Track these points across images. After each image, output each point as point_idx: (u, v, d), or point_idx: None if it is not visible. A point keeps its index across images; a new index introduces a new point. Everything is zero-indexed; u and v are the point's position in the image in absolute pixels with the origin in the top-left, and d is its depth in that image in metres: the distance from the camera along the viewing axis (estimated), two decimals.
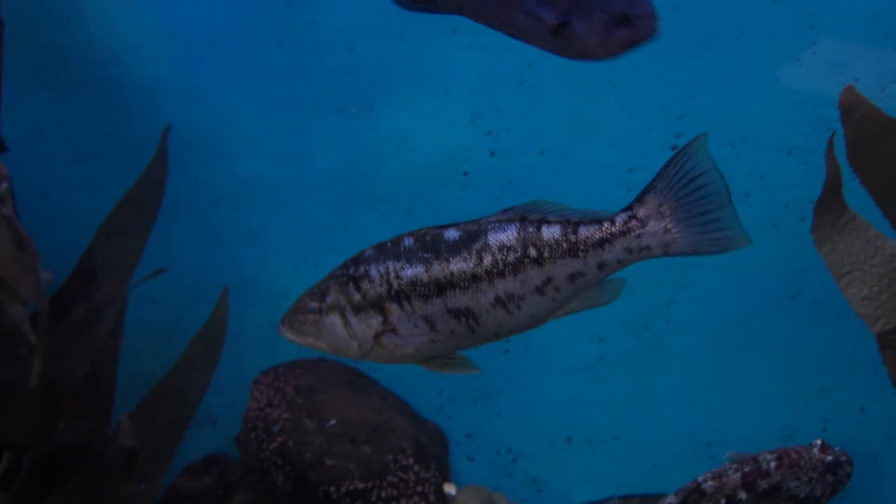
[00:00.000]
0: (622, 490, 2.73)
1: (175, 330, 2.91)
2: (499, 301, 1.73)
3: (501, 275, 1.71)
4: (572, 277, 1.72)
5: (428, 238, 1.76)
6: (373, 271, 1.82)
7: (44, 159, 2.76)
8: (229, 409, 2.88)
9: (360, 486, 2.55)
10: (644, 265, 2.58)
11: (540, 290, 1.72)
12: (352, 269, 1.85)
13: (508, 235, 1.73)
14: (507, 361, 2.77)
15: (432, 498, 2.63)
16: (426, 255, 1.76)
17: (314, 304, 1.89)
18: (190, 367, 2.72)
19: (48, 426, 2.33)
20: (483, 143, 2.68)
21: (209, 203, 2.82)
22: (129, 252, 2.58)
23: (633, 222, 1.67)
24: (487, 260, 1.72)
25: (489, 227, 1.73)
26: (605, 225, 1.70)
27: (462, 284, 1.73)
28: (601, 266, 1.70)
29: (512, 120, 2.66)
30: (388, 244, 1.83)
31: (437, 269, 1.75)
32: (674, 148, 2.58)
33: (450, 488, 2.69)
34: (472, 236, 1.73)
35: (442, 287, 1.74)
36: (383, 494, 2.56)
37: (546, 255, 1.71)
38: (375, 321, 1.81)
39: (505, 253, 1.72)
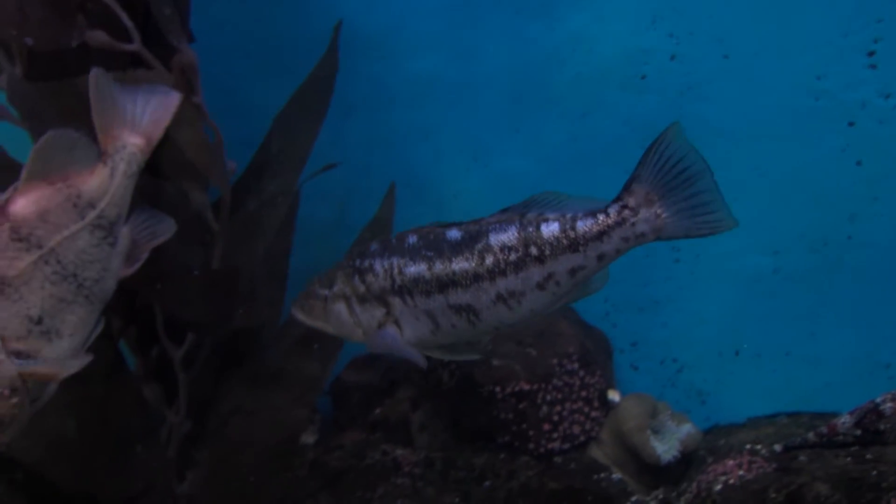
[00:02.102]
0: (791, 407, 2.68)
1: (342, 224, 2.96)
2: (500, 298, 1.80)
3: (503, 273, 1.79)
4: (573, 271, 1.78)
5: (431, 237, 1.84)
6: (377, 266, 1.90)
7: (224, 52, 2.80)
8: None
9: (526, 387, 2.57)
10: (831, 176, 2.50)
11: (541, 286, 1.78)
12: (358, 262, 1.93)
13: (509, 236, 1.78)
14: (676, 270, 2.73)
15: (596, 403, 2.63)
16: (429, 254, 1.83)
17: (322, 291, 1.99)
18: None
19: (227, 310, 2.40)
20: (663, 46, 2.60)
21: (382, 100, 2.82)
22: (300, 146, 2.61)
23: (626, 212, 1.72)
24: (489, 260, 1.78)
25: (490, 227, 1.79)
26: (601, 217, 1.75)
27: (464, 283, 1.81)
28: (600, 258, 1.77)
29: (695, 22, 2.57)
30: (394, 240, 1.90)
31: (440, 268, 1.82)
32: (870, 54, 2.46)
33: (614, 395, 2.69)
34: (473, 237, 1.80)
35: (444, 284, 1.82)
36: (548, 398, 2.57)
37: (547, 252, 1.76)
38: (378, 312, 1.92)
39: (507, 252, 1.78)
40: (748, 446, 2.47)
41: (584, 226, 1.75)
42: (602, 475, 2.55)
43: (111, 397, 2.32)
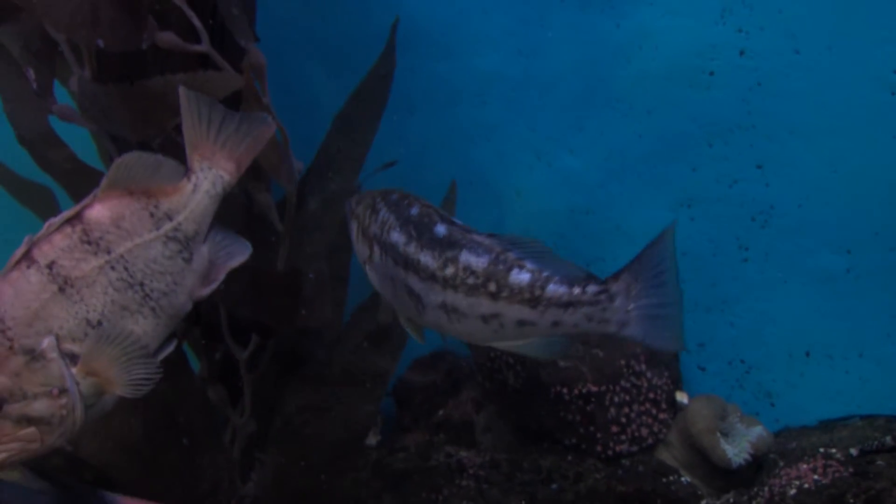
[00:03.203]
0: (864, 409, 2.63)
1: None
2: (444, 306, 1.80)
3: (455, 288, 1.78)
4: (521, 323, 1.74)
5: (425, 220, 1.86)
6: (381, 213, 1.96)
7: (286, 51, 2.79)
8: None
9: (594, 388, 2.53)
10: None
11: (484, 319, 1.76)
12: (377, 200, 1.98)
13: (479, 261, 1.76)
14: (745, 270, 2.68)
15: (664, 405, 2.59)
16: (413, 232, 1.85)
17: (352, 203, 2.09)
18: None
19: (292, 311, 2.39)
20: (732, 41, 2.55)
21: (446, 98, 2.80)
22: (360, 145, 2.60)
23: (603, 296, 1.67)
24: (450, 270, 1.78)
25: (468, 244, 1.78)
26: (576, 290, 1.70)
27: (422, 275, 1.82)
28: (556, 324, 1.72)
29: (765, 16, 2.52)
30: (406, 201, 1.94)
31: (411, 250, 1.85)
32: None
33: (682, 397, 2.65)
34: (450, 243, 1.80)
35: (408, 266, 1.85)
36: (616, 399, 2.54)
37: (504, 295, 1.73)
38: (365, 251, 2.00)
39: (466, 274, 1.76)
40: (822, 450, 2.42)
41: (554, 289, 1.71)
42: (671, 478, 2.51)
43: (176, 399, 2.32)
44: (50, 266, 1.63)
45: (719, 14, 2.53)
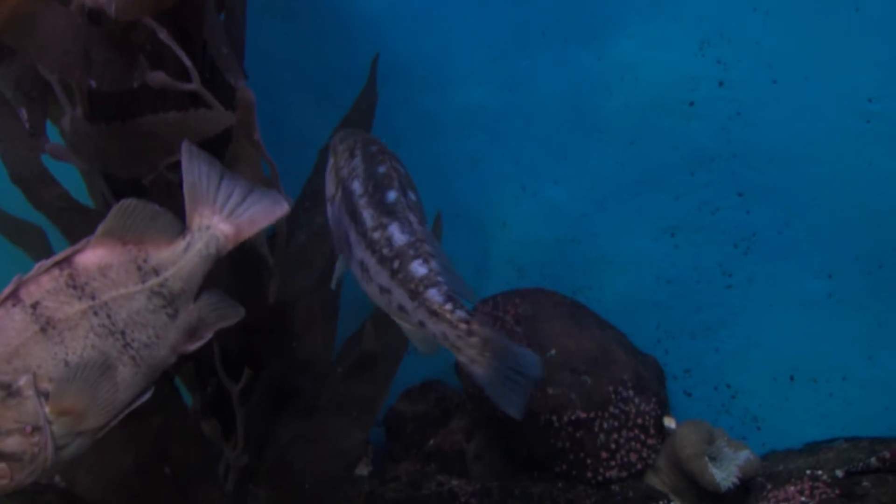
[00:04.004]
0: (849, 431, 2.66)
1: None
2: (361, 264, 1.89)
3: (373, 252, 1.86)
4: (401, 308, 1.81)
5: (385, 181, 1.92)
6: (356, 160, 2.00)
7: (271, 85, 2.82)
8: None
9: (583, 415, 2.56)
10: (884, 198, 2.49)
11: (381, 290, 1.85)
12: (357, 146, 2.03)
13: (399, 237, 1.83)
14: (728, 296, 2.72)
15: (652, 431, 2.62)
16: (369, 188, 1.92)
17: (335, 141, 2.11)
18: None
19: (284, 345, 2.41)
20: (711, 72, 2.61)
21: (430, 131, 2.84)
22: None
23: (463, 326, 1.70)
24: (377, 234, 1.86)
25: (402, 219, 1.86)
26: (446, 305, 1.73)
27: (358, 228, 1.91)
28: (422, 324, 1.77)
29: (743, 48, 2.57)
30: (379, 156, 1.98)
31: (361, 203, 1.91)
32: None
33: (669, 422, 2.68)
34: (390, 211, 1.87)
35: (353, 215, 1.92)
36: (605, 426, 2.57)
37: (399, 276, 1.80)
38: (332, 187, 2.06)
39: (385, 243, 1.84)
40: (808, 472, 2.45)
41: (431, 294, 1.76)
42: (661, 503, 2.53)
43: (168, 433, 2.33)
44: (34, 306, 1.65)
45: (698, 46, 2.58)
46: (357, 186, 1.95)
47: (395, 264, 1.81)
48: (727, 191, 2.66)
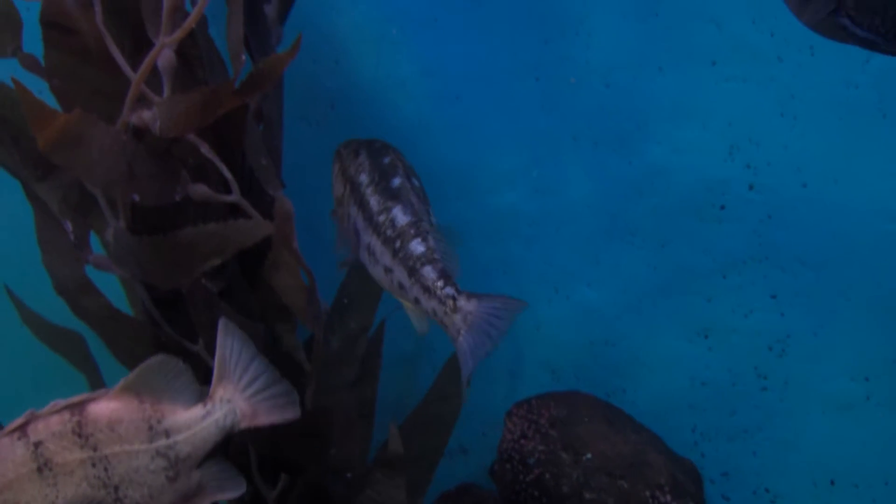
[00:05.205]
0: None
1: (424, 356, 2.99)
2: (368, 248, 2.06)
3: (378, 235, 2.02)
4: (401, 286, 1.98)
5: (389, 170, 2.10)
6: (361, 157, 2.18)
7: (307, 193, 2.87)
8: (480, 440, 2.93)
9: None
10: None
11: (385, 270, 2.03)
12: (361, 146, 2.21)
13: (402, 218, 2.00)
14: (764, 398, 2.70)
15: None
16: (375, 177, 2.09)
17: (340, 147, 2.30)
18: (441, 395, 2.78)
19: (321, 450, 2.42)
20: (741, 176, 2.63)
21: (464, 235, 2.85)
22: (375, 285, 2.65)
23: (450, 301, 1.87)
24: (382, 217, 2.02)
25: (405, 201, 2.03)
26: (438, 283, 1.90)
27: (365, 215, 2.07)
28: (416, 301, 1.95)
29: (772, 152, 2.60)
30: (383, 150, 2.17)
31: (368, 192, 2.08)
32: None
33: None
34: (394, 195, 2.04)
35: (361, 205, 2.09)
36: None
37: (400, 255, 1.97)
38: (340, 187, 2.23)
39: (389, 225, 2.00)
40: None
41: (426, 272, 1.92)
42: None
43: None
44: (37, 444, 1.71)
45: (727, 151, 2.62)
46: (364, 178, 2.10)
47: (397, 244, 1.94)
48: (760, 293, 2.66)
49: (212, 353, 2.24)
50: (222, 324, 1.89)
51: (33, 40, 2.06)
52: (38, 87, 1.98)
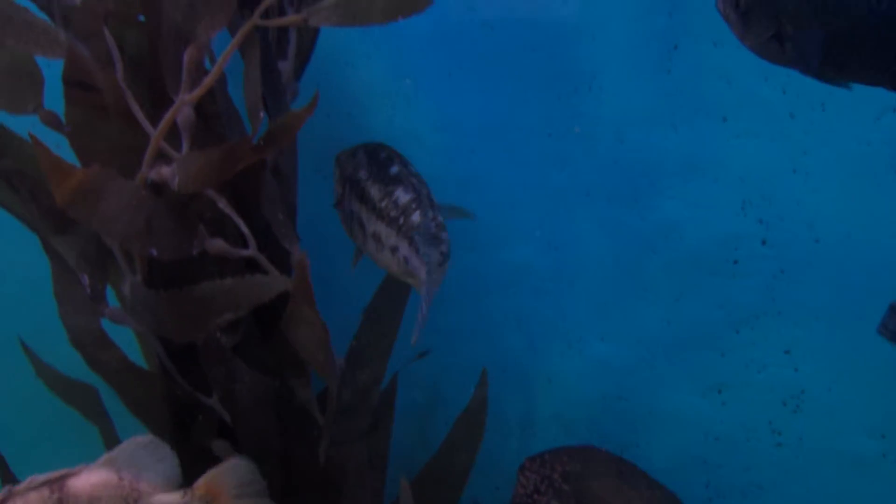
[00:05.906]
0: None
1: (436, 409, 2.99)
2: (374, 235, 2.17)
3: (382, 219, 2.14)
4: (406, 260, 2.10)
5: (387, 162, 2.23)
6: (358, 156, 2.30)
7: (321, 244, 2.89)
8: (493, 494, 2.91)
9: None
10: None
11: (392, 251, 2.14)
12: (359, 148, 2.34)
13: (404, 196, 2.13)
14: (779, 455, 2.69)
15: None
16: (373, 170, 2.21)
17: (337, 155, 2.43)
18: (454, 449, 2.77)
19: (332, 503, 2.41)
20: (754, 232, 2.64)
21: (476, 289, 2.88)
22: (387, 336, 2.66)
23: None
24: (385, 202, 2.13)
25: (406, 182, 2.17)
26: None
27: (367, 205, 2.19)
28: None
29: (784, 208, 2.61)
30: (379, 148, 2.30)
31: (368, 184, 2.19)
32: None
33: None
34: (395, 179, 2.17)
35: (362, 198, 2.20)
36: None
37: (403, 229, 2.09)
38: (340, 188, 2.36)
39: (392, 206, 2.12)
40: None
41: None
42: None
43: None
44: None
45: (740, 206, 2.63)
46: (363, 174, 2.22)
47: (401, 220, 2.06)
48: (774, 348, 2.66)
49: (226, 407, 2.25)
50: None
51: (52, 95, 2.09)
52: (56, 142, 2.01)
